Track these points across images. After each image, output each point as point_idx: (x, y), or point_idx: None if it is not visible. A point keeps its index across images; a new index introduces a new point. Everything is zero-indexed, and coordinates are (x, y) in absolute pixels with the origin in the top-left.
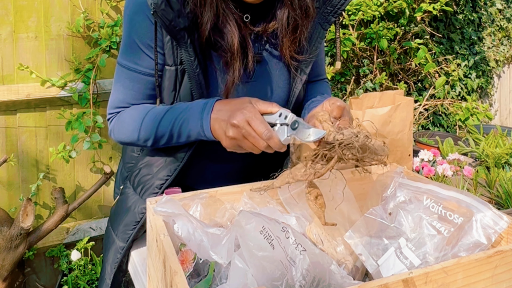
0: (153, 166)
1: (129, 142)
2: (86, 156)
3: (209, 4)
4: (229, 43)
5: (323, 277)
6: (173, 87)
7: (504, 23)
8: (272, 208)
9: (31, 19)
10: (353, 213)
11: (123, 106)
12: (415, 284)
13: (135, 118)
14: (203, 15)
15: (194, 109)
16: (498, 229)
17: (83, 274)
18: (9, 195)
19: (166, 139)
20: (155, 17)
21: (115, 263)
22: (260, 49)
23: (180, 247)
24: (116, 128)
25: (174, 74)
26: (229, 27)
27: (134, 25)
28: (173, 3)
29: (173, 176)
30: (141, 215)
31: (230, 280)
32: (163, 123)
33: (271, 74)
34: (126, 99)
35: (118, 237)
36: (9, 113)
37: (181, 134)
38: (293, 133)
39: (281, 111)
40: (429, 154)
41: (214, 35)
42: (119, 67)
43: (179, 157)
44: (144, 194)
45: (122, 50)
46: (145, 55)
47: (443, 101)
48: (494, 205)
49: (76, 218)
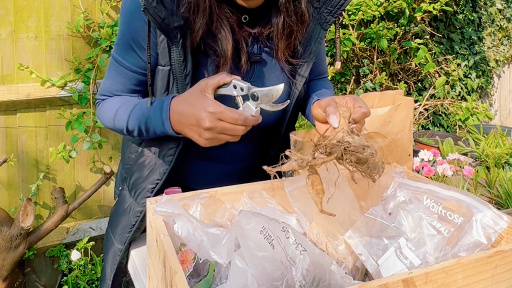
0: (144, 169)
1: (109, 128)
2: (86, 156)
3: (202, 11)
4: (222, 49)
5: (323, 277)
6: (165, 88)
7: (504, 23)
8: (272, 208)
9: (31, 19)
10: (353, 213)
11: (108, 94)
12: (415, 284)
13: (112, 108)
14: (196, 21)
15: (154, 108)
16: (498, 229)
17: (83, 274)
18: (9, 195)
19: (137, 133)
20: (146, 14)
21: (114, 264)
22: (259, 50)
23: (180, 247)
24: (100, 113)
25: (167, 75)
26: (223, 33)
27: (129, 23)
28: (166, 2)
29: (163, 179)
30: (136, 219)
31: (230, 280)
32: (132, 118)
33: (271, 75)
34: (111, 89)
35: (116, 239)
36: (9, 113)
37: (148, 130)
38: (258, 103)
39: (233, 82)
40: (429, 154)
41: (208, 40)
42: (112, 59)
43: (167, 161)
44: (138, 197)
45: (116, 43)
46: (134, 53)
47: (443, 101)
48: (494, 205)
49: (76, 218)
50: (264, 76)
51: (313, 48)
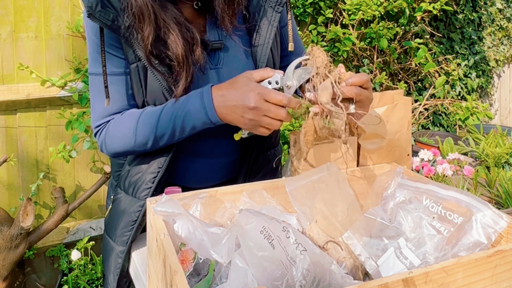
0: (142, 164)
1: (124, 151)
2: (86, 156)
3: (147, 18)
4: (174, 53)
5: (324, 277)
6: (139, 84)
7: (504, 22)
8: (273, 207)
9: (31, 19)
10: (353, 213)
11: (109, 114)
12: (415, 284)
13: (128, 123)
14: (143, 29)
15: (191, 100)
16: (498, 228)
17: (83, 273)
18: (9, 195)
19: (168, 136)
20: (92, 19)
21: (117, 269)
22: (220, 37)
23: (180, 247)
24: (108, 139)
25: (137, 71)
26: (172, 37)
27: (91, 33)
28: (114, 2)
29: (164, 168)
30: (137, 213)
31: (230, 279)
32: (161, 121)
33: (237, 59)
34: (109, 110)
35: (116, 242)
36: (9, 113)
37: (184, 128)
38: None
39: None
40: (429, 154)
41: (159, 47)
42: (92, 77)
43: (167, 149)
44: (137, 192)
45: (90, 59)
46: (114, 56)
47: (443, 101)
48: (494, 204)
49: (76, 217)
50: (230, 61)
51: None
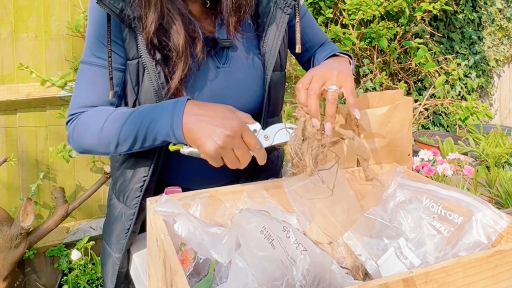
0: (127, 171)
1: (88, 149)
2: (86, 156)
3: (154, 5)
4: (174, 44)
5: (324, 276)
6: (136, 82)
7: (504, 22)
8: (273, 207)
9: (31, 18)
10: (353, 213)
11: (86, 105)
12: (415, 284)
13: (98, 118)
14: (148, 16)
15: (163, 107)
16: (498, 228)
17: (83, 273)
18: (9, 194)
19: (130, 143)
20: (101, 5)
21: (114, 276)
22: (229, 36)
23: (180, 247)
24: (76, 131)
25: (136, 68)
26: (174, 27)
27: (94, 22)
28: None
29: (149, 176)
30: (129, 222)
31: (230, 279)
32: (128, 123)
33: (246, 59)
34: (90, 98)
35: (113, 249)
36: (9, 113)
37: (147, 137)
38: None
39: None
40: (429, 154)
41: (161, 36)
42: (83, 65)
43: (150, 156)
44: (127, 201)
45: (87, 48)
46: (109, 49)
47: (443, 101)
48: (494, 204)
49: (76, 217)
50: (238, 60)
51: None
